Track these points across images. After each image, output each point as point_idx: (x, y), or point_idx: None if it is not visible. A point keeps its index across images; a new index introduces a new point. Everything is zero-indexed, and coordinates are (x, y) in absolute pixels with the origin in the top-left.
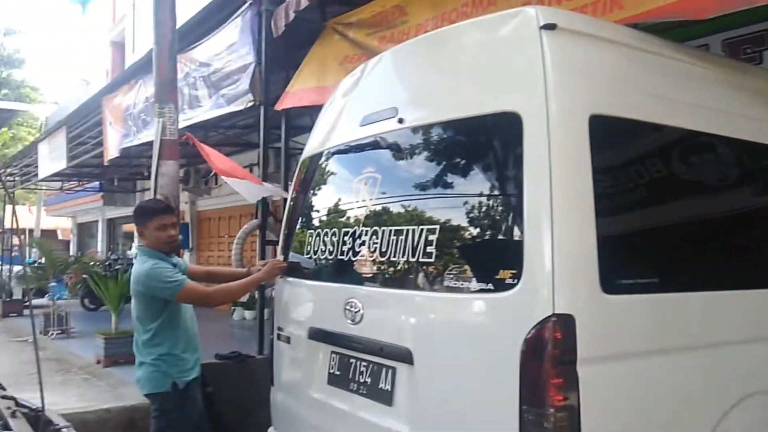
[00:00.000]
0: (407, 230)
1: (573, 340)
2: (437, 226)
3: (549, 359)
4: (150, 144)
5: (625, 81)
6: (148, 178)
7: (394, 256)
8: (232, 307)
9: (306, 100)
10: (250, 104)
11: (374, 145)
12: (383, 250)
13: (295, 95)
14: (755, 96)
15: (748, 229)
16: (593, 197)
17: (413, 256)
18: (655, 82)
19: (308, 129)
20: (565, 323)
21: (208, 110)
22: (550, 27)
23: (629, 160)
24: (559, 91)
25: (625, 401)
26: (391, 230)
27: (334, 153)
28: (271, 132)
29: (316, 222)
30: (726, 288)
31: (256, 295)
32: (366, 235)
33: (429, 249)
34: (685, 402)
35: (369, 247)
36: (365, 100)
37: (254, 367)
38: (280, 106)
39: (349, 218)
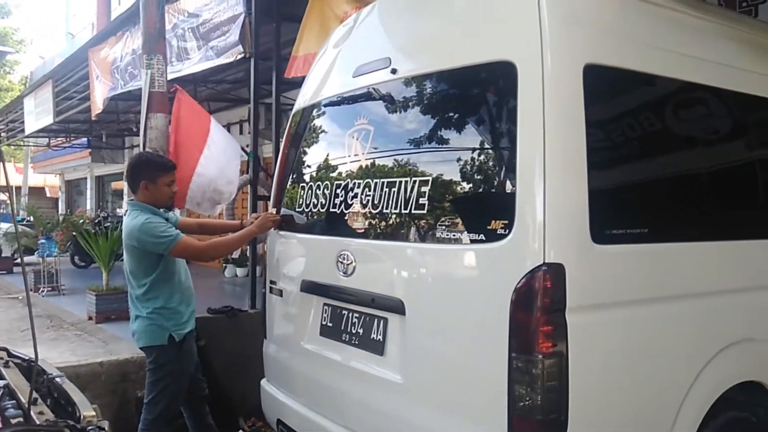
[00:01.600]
0: (399, 182)
1: (563, 288)
2: (429, 178)
3: (539, 307)
4: (137, 98)
5: (621, 30)
6: (137, 134)
7: (387, 209)
8: (224, 264)
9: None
10: (240, 56)
11: (367, 96)
12: (375, 202)
13: (303, 60)
14: (751, 48)
15: (736, 181)
16: (585, 148)
17: (405, 208)
18: (651, 32)
19: (299, 84)
20: (555, 272)
21: (197, 62)
22: None
23: (622, 111)
24: (554, 39)
25: (612, 349)
26: (383, 183)
27: (326, 105)
28: (261, 88)
29: (308, 176)
30: (712, 239)
31: (248, 252)
32: (358, 187)
33: (421, 201)
34: (671, 350)
35: (361, 200)
36: (358, 50)
37: (246, 321)
38: (289, 74)
39: (341, 171)
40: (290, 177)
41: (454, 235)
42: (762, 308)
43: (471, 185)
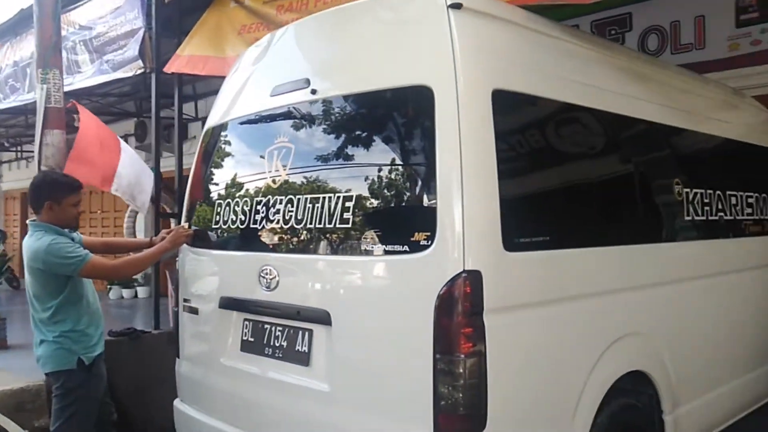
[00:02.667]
0: (324, 197)
1: (480, 293)
2: (353, 194)
3: (460, 312)
4: (15, 111)
5: (520, 58)
6: (9, 149)
7: (311, 223)
8: (109, 285)
9: (202, 68)
10: (140, 71)
11: (286, 115)
12: (299, 217)
13: (188, 60)
14: (623, 73)
15: (619, 192)
16: (496, 165)
17: (330, 222)
18: (544, 60)
19: (192, 98)
20: (473, 278)
21: (90, 76)
22: (456, 6)
23: (524, 130)
24: (466, 67)
25: (523, 347)
26: (307, 198)
27: (242, 123)
28: (147, 101)
29: (224, 192)
30: (602, 244)
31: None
32: (281, 203)
33: (346, 215)
34: (571, 345)
35: (284, 215)
36: (275, 70)
37: (150, 342)
38: (169, 69)
39: (261, 187)
40: (204, 193)
41: (379, 247)
42: (643, 304)
43: (395, 200)
